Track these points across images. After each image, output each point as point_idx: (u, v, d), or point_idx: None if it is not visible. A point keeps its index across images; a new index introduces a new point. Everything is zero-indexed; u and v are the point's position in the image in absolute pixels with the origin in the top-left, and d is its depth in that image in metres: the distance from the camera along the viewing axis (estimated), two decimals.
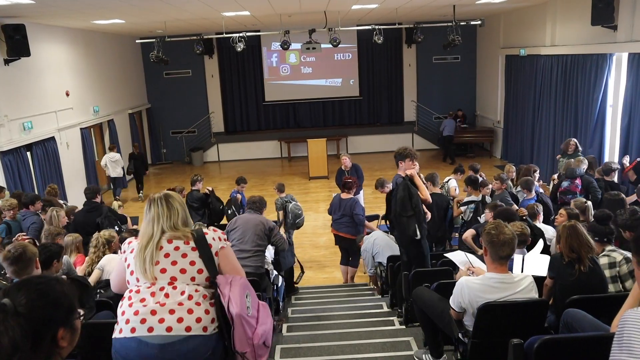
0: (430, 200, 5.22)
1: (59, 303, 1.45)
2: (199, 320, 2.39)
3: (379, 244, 6.70)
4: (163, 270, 2.49)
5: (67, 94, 11.71)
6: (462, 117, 17.31)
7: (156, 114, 17.72)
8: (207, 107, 18.15)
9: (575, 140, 9.16)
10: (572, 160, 7.99)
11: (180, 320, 2.37)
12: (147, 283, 2.48)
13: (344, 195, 7.46)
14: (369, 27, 12.70)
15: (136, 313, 2.39)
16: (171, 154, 18.09)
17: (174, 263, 2.50)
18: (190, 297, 2.44)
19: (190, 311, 2.40)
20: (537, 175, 7.94)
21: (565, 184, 7.35)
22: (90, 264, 4.48)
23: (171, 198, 2.65)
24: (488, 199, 7.21)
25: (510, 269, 3.44)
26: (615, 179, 7.81)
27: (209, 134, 18.09)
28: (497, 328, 3.16)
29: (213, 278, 2.52)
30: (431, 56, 17.83)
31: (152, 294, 2.44)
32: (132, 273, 2.56)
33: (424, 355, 3.90)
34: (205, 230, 2.67)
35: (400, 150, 5.21)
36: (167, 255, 2.51)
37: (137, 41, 14.23)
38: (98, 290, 4.24)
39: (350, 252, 7.71)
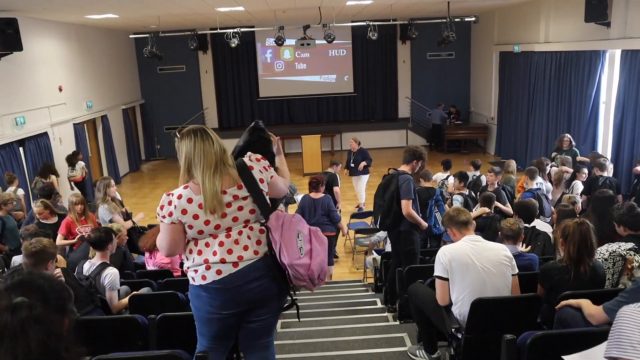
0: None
1: (62, 296, 1.51)
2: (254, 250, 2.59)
3: None
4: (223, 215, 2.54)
5: (60, 89, 11.62)
6: (456, 113, 17.32)
7: (150, 110, 17.63)
8: (201, 103, 18.08)
9: (569, 135, 9.23)
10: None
11: (240, 257, 2.54)
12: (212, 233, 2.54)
13: (315, 195, 7.16)
14: (364, 23, 12.67)
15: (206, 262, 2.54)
16: (165, 150, 17.97)
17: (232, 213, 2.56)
18: (248, 237, 2.57)
19: (245, 247, 2.55)
20: (548, 168, 7.94)
21: None
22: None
23: (209, 130, 2.66)
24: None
25: None
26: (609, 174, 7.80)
27: None
28: (490, 324, 3.18)
29: (266, 219, 2.57)
30: (425, 52, 17.82)
31: (220, 244, 2.54)
32: (190, 227, 2.54)
33: (417, 351, 3.91)
34: (248, 163, 2.63)
35: (412, 148, 5.19)
36: (228, 205, 2.53)
37: (130, 36, 14.15)
38: None
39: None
